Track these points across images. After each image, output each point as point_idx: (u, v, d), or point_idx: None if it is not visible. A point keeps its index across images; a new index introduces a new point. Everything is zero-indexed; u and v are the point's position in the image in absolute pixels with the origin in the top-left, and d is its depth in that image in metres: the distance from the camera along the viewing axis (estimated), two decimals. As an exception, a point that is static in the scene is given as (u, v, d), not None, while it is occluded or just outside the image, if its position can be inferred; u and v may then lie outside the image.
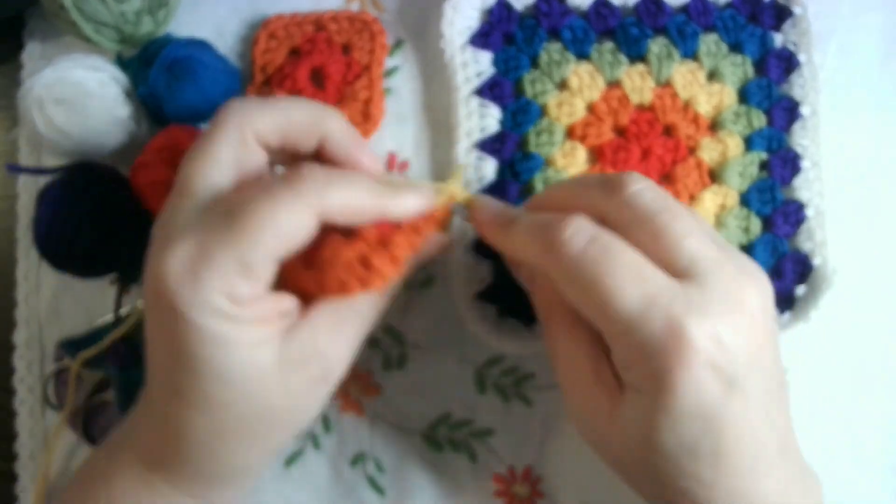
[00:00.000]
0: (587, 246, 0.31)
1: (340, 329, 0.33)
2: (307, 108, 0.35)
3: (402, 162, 0.47)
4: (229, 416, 0.31)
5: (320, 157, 0.36)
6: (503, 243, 0.36)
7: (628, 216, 0.33)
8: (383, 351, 0.45)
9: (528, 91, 0.46)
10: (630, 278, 0.30)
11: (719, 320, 0.30)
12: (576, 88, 0.46)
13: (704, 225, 0.34)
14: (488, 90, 0.46)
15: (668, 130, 0.46)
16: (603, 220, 0.33)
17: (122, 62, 0.45)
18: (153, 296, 0.30)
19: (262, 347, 0.31)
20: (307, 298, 0.33)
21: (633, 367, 0.31)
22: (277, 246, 0.30)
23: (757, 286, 0.32)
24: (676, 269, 0.31)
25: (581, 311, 0.33)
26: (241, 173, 0.33)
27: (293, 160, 0.36)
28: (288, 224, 0.30)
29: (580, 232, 0.32)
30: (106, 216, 0.42)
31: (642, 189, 0.33)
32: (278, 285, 0.32)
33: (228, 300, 0.29)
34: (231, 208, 0.30)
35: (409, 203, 0.34)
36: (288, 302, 0.32)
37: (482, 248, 0.43)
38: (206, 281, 0.29)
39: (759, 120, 0.46)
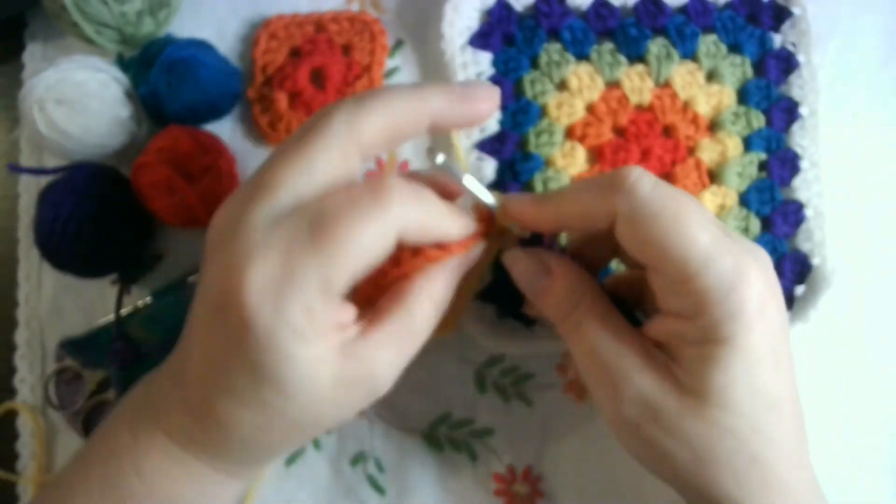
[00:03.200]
0: (654, 188, 0.31)
1: (397, 353, 0.32)
2: (410, 99, 0.32)
3: (401, 161, 0.47)
4: (281, 420, 0.31)
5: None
6: (554, 211, 0.35)
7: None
8: (383, 351, 0.45)
9: (528, 91, 0.46)
10: (701, 217, 0.31)
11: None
12: (575, 89, 0.46)
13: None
14: (488, 91, 0.46)
15: (668, 131, 0.46)
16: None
17: (123, 63, 0.45)
18: (221, 303, 0.29)
19: (323, 364, 0.30)
20: (363, 305, 0.32)
21: (705, 312, 0.30)
22: (360, 263, 0.29)
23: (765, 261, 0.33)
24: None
25: (646, 255, 0.32)
26: (332, 184, 0.31)
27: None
28: (373, 241, 0.29)
29: (644, 175, 0.32)
30: (107, 216, 0.42)
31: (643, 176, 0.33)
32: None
33: (306, 318, 0.29)
34: (317, 219, 0.29)
35: (461, 226, 0.34)
36: (347, 314, 0.31)
37: None
38: (289, 301, 0.28)
39: (759, 120, 0.46)
